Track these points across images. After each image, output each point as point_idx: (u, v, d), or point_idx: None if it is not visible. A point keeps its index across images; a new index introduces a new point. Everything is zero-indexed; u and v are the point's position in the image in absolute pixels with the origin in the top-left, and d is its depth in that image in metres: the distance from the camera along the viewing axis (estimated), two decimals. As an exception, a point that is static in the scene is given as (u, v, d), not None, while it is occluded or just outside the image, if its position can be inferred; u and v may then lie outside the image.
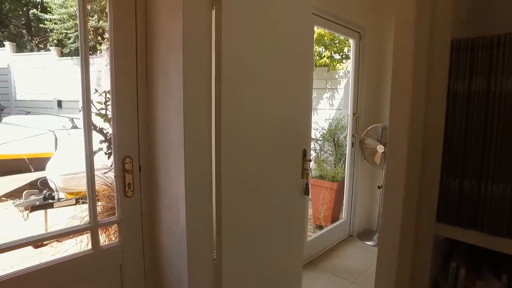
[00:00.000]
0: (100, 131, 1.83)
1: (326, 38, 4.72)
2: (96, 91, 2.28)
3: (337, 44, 4.78)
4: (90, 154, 1.45)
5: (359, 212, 3.61)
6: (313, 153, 4.36)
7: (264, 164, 1.76)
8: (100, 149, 1.80)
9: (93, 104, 2.18)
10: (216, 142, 1.54)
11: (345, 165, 3.74)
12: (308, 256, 2.97)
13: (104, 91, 2.22)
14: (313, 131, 4.32)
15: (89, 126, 1.45)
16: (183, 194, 1.47)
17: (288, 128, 1.87)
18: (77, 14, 1.41)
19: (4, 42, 9.07)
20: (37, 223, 3.31)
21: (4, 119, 6.07)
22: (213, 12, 1.46)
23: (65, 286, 1.41)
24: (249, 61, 1.62)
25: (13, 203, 3.32)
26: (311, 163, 3.74)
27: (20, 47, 11.02)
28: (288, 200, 1.95)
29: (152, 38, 1.53)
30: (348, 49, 4.60)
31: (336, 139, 4.31)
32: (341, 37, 4.57)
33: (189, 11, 1.37)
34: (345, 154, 3.71)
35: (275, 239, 1.90)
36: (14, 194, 4.24)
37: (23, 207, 3.20)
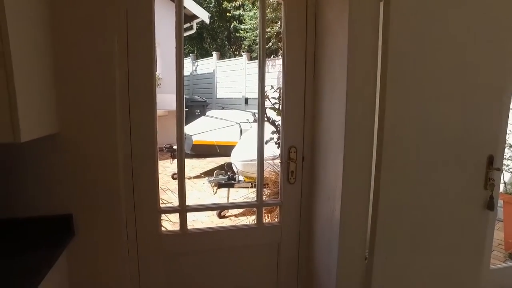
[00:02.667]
0: (273, 122, 2.07)
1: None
2: (272, 87, 2.59)
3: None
4: (261, 142, 1.68)
5: None
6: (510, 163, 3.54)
7: (431, 168, 1.58)
8: (272, 138, 2.05)
9: (269, 99, 2.50)
10: (378, 141, 1.50)
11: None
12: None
13: (278, 87, 2.49)
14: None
15: (262, 118, 1.68)
16: (340, 188, 1.50)
17: (467, 130, 1.61)
18: (258, 21, 1.65)
19: (213, 52, 11.33)
20: (222, 198, 4.05)
21: (208, 113, 7.64)
22: (381, 4, 1.41)
23: (235, 246, 1.71)
24: (422, 60, 1.47)
25: (208, 179, 4.18)
26: (507, 175, 3.06)
27: (222, 55, 13.39)
28: (462, 213, 1.68)
29: (320, 33, 1.62)
30: None
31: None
32: None
33: (356, 5, 1.38)
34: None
35: (439, 255, 1.68)
36: (209, 173, 5.26)
37: (213, 184, 3.99)
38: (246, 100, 9.25)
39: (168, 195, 2.65)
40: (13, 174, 1.35)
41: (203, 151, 5.86)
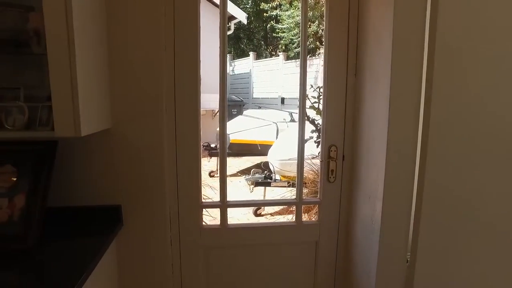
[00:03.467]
0: (312, 122, 2.07)
1: None
2: (311, 86, 2.59)
3: None
4: (302, 141, 1.68)
5: None
6: None
7: (482, 167, 1.50)
8: (311, 137, 2.05)
9: (308, 98, 2.50)
10: (423, 140, 1.45)
11: None
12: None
13: (318, 87, 2.48)
14: None
15: (303, 117, 1.69)
16: (381, 188, 1.48)
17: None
18: (300, 20, 1.66)
19: (250, 53, 11.45)
20: (258, 197, 4.08)
21: (244, 112, 7.73)
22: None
23: (273, 243, 1.74)
24: (472, 55, 1.40)
25: (244, 177, 4.25)
26: None
27: (258, 55, 13.49)
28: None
29: (362, 32, 1.59)
30: None
31: None
32: None
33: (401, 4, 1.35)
34: None
35: (495, 263, 1.58)
36: (245, 172, 5.33)
37: (250, 182, 4.04)
38: (283, 99, 9.25)
39: (206, 191, 2.74)
40: (71, 166, 1.46)
41: (240, 149, 5.95)
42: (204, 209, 1.68)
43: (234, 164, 6.04)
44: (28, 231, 1.23)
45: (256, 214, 3.87)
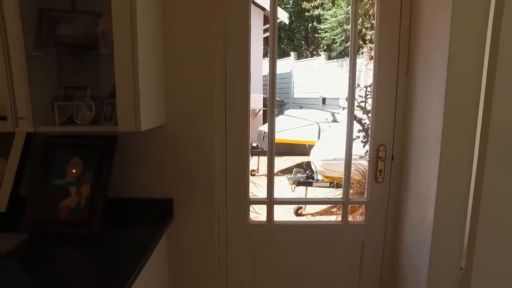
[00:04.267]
0: (359, 121, 2.04)
1: None
2: (358, 85, 2.53)
3: None
4: (350, 140, 1.67)
5: None
6: None
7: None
8: (358, 137, 2.01)
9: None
10: (481, 142, 1.37)
11: None
12: None
13: (365, 86, 2.43)
14: None
15: (351, 117, 1.67)
16: (434, 190, 1.42)
17: None
18: (350, 18, 1.64)
19: (290, 53, 11.42)
20: (300, 196, 4.07)
21: (285, 112, 7.73)
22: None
23: (318, 241, 1.74)
24: None
25: (286, 177, 4.26)
26: None
27: (299, 55, 13.39)
28: None
29: (415, 29, 1.54)
30: None
31: None
32: None
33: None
34: None
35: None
36: (286, 171, 5.33)
37: (291, 181, 4.04)
38: (324, 100, 9.11)
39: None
40: (128, 160, 1.56)
41: (281, 149, 5.96)
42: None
43: (275, 163, 6.06)
44: (92, 218, 1.34)
45: (297, 214, 3.86)
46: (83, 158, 1.42)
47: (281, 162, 6.09)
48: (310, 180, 4.01)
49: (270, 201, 1.67)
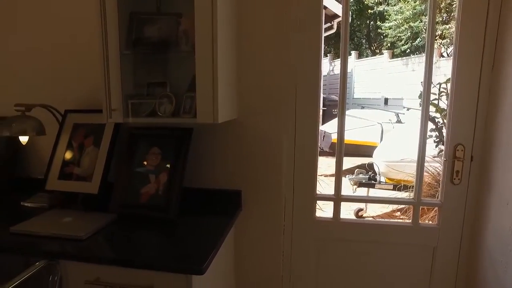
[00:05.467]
0: (432, 120, 1.93)
1: None
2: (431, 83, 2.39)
3: None
4: (423, 140, 1.58)
5: None
6: None
7: None
8: (430, 136, 1.91)
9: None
10: None
11: None
12: None
13: (439, 83, 2.29)
14: None
15: (426, 116, 1.59)
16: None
17: None
18: (428, 12, 1.55)
19: (351, 52, 11.10)
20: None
21: (346, 112, 7.52)
22: None
23: (385, 242, 1.68)
24: None
25: (348, 177, 4.16)
26: None
27: (360, 55, 12.96)
28: None
29: (506, 24, 1.42)
30: None
31: None
32: None
33: None
34: None
35: None
36: (346, 172, 5.20)
37: (353, 182, 3.94)
38: (386, 100, 8.72)
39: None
40: (200, 152, 1.65)
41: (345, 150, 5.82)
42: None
43: (333, 163, 5.94)
44: (170, 204, 1.44)
45: (358, 215, 3.76)
46: (162, 149, 1.54)
47: (340, 163, 5.95)
48: (373, 181, 3.88)
49: (338, 198, 1.66)
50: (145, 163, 1.54)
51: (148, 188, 1.49)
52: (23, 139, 1.66)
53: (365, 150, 5.18)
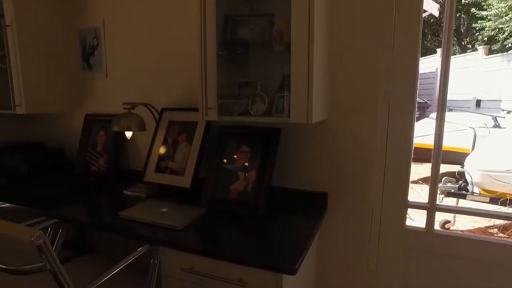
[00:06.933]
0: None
1: None
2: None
3: None
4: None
5: None
6: None
7: None
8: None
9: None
10: None
11: None
12: None
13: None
14: None
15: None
16: None
17: None
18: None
19: (437, 49, 10.19)
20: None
21: (431, 115, 6.95)
22: None
23: (490, 262, 1.49)
24: None
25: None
26: None
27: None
28: None
29: None
30: None
31: None
32: None
33: None
34: None
35: None
36: (427, 180, 4.79)
37: (439, 191, 3.60)
38: (478, 102, 7.81)
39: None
40: (287, 152, 1.65)
41: (423, 155, 5.38)
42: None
43: (415, 170, 5.53)
44: (258, 202, 1.47)
45: (444, 227, 3.43)
46: (251, 147, 1.57)
47: (422, 170, 5.52)
48: (464, 192, 3.49)
49: (432, 207, 1.52)
50: (234, 160, 1.59)
51: (237, 185, 1.54)
52: (128, 134, 1.83)
53: (454, 157, 4.70)
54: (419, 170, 5.56)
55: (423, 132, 5.55)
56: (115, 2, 2.00)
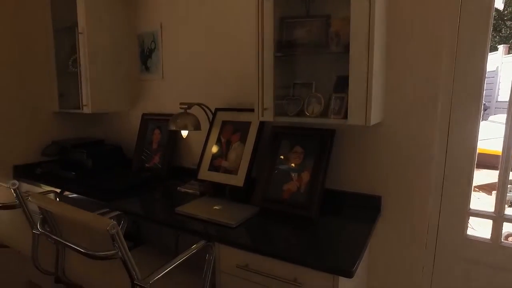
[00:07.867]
0: None
1: None
2: None
3: None
4: None
5: None
6: None
7: None
8: None
9: None
10: None
11: None
12: None
13: None
14: None
15: None
16: None
17: None
18: None
19: (499, 46, 9.41)
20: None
21: (490, 118, 6.45)
22: None
23: None
24: None
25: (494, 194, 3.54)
26: None
27: (510, 49, 10.93)
28: None
29: None
30: None
31: None
32: None
33: None
34: None
35: None
36: (484, 188, 4.47)
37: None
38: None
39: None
40: (342, 154, 1.63)
41: (480, 160, 5.02)
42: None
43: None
44: (311, 203, 1.47)
45: (508, 239, 3.18)
46: (304, 148, 1.57)
47: (480, 176, 5.15)
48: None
49: (499, 217, 1.43)
50: (287, 161, 1.60)
51: (290, 185, 1.55)
52: (184, 133, 1.92)
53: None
54: (477, 176, 5.20)
55: (481, 136, 5.17)
56: (172, 7, 2.10)
